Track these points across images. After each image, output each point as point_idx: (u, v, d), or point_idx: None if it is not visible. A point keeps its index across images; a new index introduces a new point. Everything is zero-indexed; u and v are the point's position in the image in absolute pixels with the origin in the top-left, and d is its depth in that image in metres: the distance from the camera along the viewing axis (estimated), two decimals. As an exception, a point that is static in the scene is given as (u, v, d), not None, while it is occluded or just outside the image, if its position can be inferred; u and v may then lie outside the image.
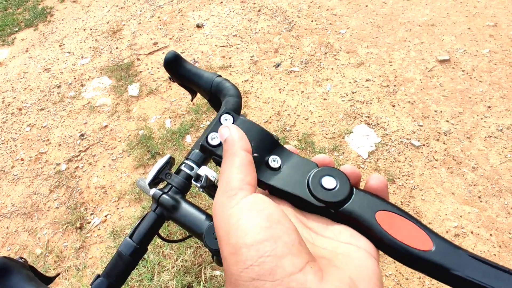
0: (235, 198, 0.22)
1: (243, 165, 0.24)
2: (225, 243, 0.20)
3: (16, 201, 2.14)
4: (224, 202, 0.22)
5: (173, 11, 3.55)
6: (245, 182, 0.23)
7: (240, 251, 0.19)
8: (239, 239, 0.19)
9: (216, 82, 0.64)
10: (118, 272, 0.51)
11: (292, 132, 2.19)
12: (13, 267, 0.44)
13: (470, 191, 1.78)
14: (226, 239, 0.20)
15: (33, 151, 2.43)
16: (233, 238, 0.20)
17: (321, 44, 2.79)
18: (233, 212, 0.21)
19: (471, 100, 2.19)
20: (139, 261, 0.53)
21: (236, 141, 0.26)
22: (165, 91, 2.67)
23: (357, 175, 0.29)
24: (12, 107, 2.83)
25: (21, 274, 0.44)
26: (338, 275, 0.20)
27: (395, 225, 0.24)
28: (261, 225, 0.20)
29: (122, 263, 0.51)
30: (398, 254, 0.24)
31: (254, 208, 0.21)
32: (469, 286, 0.21)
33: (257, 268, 0.18)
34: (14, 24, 3.97)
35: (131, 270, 0.53)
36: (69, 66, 3.14)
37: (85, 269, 1.76)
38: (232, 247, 0.20)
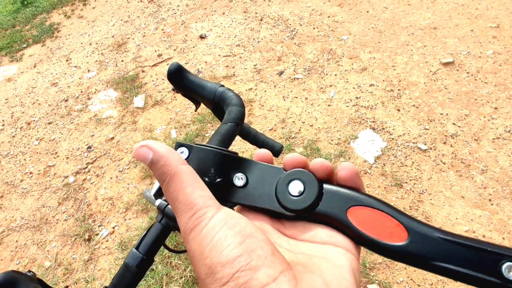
0: (204, 218, 0.21)
1: (194, 181, 0.23)
2: (200, 265, 0.20)
3: (25, 214, 2.16)
4: (193, 225, 0.21)
5: (176, 23, 3.61)
6: (207, 198, 0.22)
7: (215, 270, 0.19)
8: (214, 259, 0.19)
9: (219, 92, 0.64)
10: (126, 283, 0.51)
11: (297, 139, 2.19)
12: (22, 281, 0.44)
13: (480, 194, 1.75)
14: (201, 261, 0.20)
15: (41, 164, 2.46)
16: (208, 259, 0.20)
17: (323, 51, 2.81)
18: (205, 232, 0.21)
19: (477, 102, 2.17)
20: (146, 272, 0.53)
21: (166, 159, 0.23)
22: (170, 101, 2.70)
23: (327, 169, 0.27)
24: (21, 121, 2.88)
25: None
26: (312, 280, 0.20)
27: (367, 219, 0.24)
28: (234, 241, 0.20)
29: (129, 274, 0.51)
30: (375, 249, 0.24)
31: (226, 225, 0.21)
32: (447, 272, 0.22)
33: (232, 284, 0.18)
34: (22, 41, 4.07)
35: (138, 281, 0.53)
36: (76, 80, 3.20)
37: (94, 281, 1.76)
38: (207, 268, 0.20)
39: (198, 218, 0.21)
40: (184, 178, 0.23)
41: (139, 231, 1.91)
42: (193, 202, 0.22)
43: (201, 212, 0.21)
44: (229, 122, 0.59)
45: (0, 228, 2.12)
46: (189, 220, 0.21)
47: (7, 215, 2.18)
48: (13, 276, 0.44)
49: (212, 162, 0.29)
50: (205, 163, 0.29)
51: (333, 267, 0.22)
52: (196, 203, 0.22)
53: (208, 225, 0.21)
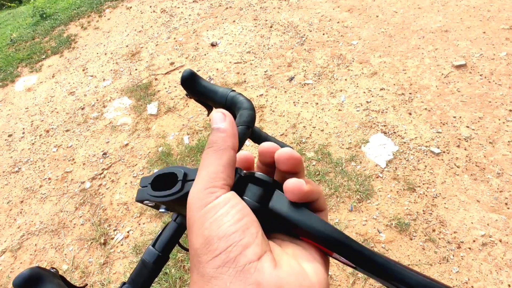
0: (214, 195, 0.23)
1: (229, 165, 0.25)
2: (197, 235, 0.22)
3: (44, 219, 2.23)
4: (203, 197, 0.23)
5: (188, 32, 3.69)
6: (226, 182, 0.24)
7: (211, 241, 0.21)
8: (212, 231, 0.21)
9: (230, 96, 0.67)
10: (143, 279, 0.54)
11: (308, 144, 2.20)
12: (46, 276, 0.47)
13: (496, 198, 1.72)
14: (199, 231, 0.22)
15: (59, 170, 2.54)
16: (207, 231, 0.22)
17: (333, 56, 2.82)
18: (210, 207, 0.23)
19: (491, 104, 2.14)
20: (162, 268, 0.56)
21: (229, 136, 0.26)
22: (182, 108, 2.75)
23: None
24: (40, 129, 2.98)
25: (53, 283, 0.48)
26: (290, 262, 0.22)
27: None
28: (234, 218, 0.22)
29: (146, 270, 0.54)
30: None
31: (229, 203, 0.23)
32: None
33: (224, 256, 0.20)
34: (41, 52, 4.23)
35: (154, 277, 0.55)
36: (92, 88, 3.30)
37: (109, 284, 1.79)
38: (204, 239, 0.21)
39: (209, 193, 0.23)
40: (224, 157, 0.25)
41: (153, 235, 1.94)
42: (215, 179, 0.24)
43: (214, 190, 0.23)
44: (240, 125, 0.62)
45: (20, 232, 2.19)
46: (201, 191, 0.24)
47: (27, 219, 2.26)
48: (38, 271, 0.47)
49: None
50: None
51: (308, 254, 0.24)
52: (216, 182, 0.24)
53: (215, 201, 0.23)
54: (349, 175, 1.96)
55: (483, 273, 1.49)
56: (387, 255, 1.62)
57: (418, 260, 1.58)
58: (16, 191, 2.48)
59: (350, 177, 1.95)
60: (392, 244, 1.65)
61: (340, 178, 1.96)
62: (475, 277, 1.48)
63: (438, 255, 1.58)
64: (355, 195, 1.86)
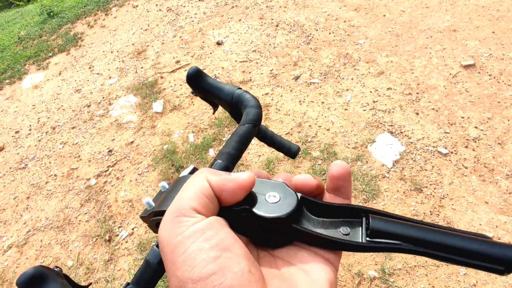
0: (183, 224, 0.19)
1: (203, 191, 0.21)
2: (171, 274, 0.19)
3: (50, 215, 2.24)
4: (170, 227, 0.20)
5: (194, 31, 3.69)
6: (204, 208, 0.21)
7: (186, 285, 0.18)
8: (185, 273, 0.18)
9: (236, 94, 0.66)
10: (147, 279, 0.53)
11: (314, 143, 2.18)
12: (49, 275, 0.47)
13: (505, 199, 1.69)
14: (172, 270, 0.19)
15: (65, 167, 2.55)
16: (179, 271, 0.18)
17: (339, 55, 2.80)
18: (179, 240, 0.19)
19: (500, 104, 2.11)
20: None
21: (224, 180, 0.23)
22: (187, 106, 2.75)
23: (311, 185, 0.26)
24: (46, 126, 3.01)
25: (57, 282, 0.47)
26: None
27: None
28: (209, 256, 0.18)
29: (150, 270, 0.54)
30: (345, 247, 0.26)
31: (203, 236, 0.19)
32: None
33: None
34: (48, 50, 4.27)
35: (158, 278, 0.55)
36: (98, 86, 3.32)
37: (113, 281, 1.80)
38: (178, 281, 0.18)
39: (176, 222, 0.20)
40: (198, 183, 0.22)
41: (158, 232, 1.94)
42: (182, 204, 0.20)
43: (183, 219, 0.20)
44: (247, 123, 0.61)
45: (27, 228, 2.21)
46: (168, 220, 0.20)
47: (33, 215, 2.28)
48: (42, 270, 0.47)
49: None
50: None
51: (310, 281, 0.21)
52: (184, 205, 0.20)
53: (184, 233, 0.19)
54: (355, 175, 1.94)
55: (491, 275, 1.46)
56: (393, 255, 1.60)
57: (425, 261, 1.56)
58: (23, 187, 2.50)
59: (356, 177, 1.93)
60: (398, 244, 1.63)
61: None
62: (483, 279, 1.46)
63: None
64: (361, 195, 1.84)
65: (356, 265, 1.60)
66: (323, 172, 1.99)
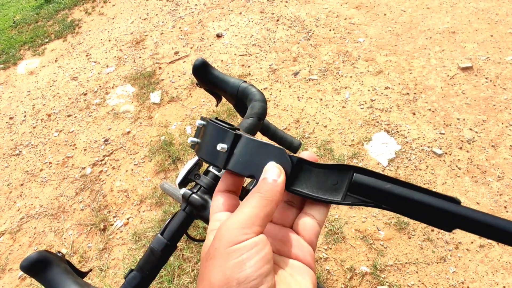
0: (246, 236, 0.24)
1: (269, 216, 0.26)
2: (217, 269, 0.23)
3: (44, 203, 2.23)
4: (236, 233, 0.24)
5: (193, 22, 3.66)
6: (260, 229, 0.25)
7: (231, 283, 0.22)
8: (234, 273, 0.22)
9: (242, 87, 0.66)
10: (150, 266, 0.54)
11: (311, 139, 2.20)
12: (53, 260, 0.47)
13: (496, 201, 1.73)
14: (221, 268, 0.23)
15: (60, 155, 2.54)
16: (229, 271, 0.22)
17: (339, 53, 2.81)
18: (238, 247, 0.23)
19: (495, 108, 2.14)
20: (170, 257, 0.56)
21: (280, 192, 0.27)
22: (185, 98, 2.74)
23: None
24: (41, 113, 2.97)
25: (60, 267, 0.48)
26: None
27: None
28: (257, 264, 0.23)
29: (154, 258, 0.54)
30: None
31: (256, 248, 0.24)
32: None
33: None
34: (44, 36, 4.19)
35: (162, 265, 0.55)
36: (95, 74, 3.28)
37: (108, 269, 1.81)
38: (225, 278, 0.22)
39: (243, 233, 0.24)
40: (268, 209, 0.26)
41: (153, 223, 1.95)
42: (253, 222, 0.25)
43: (248, 231, 0.24)
44: (252, 116, 0.61)
45: (20, 214, 2.19)
46: (237, 227, 0.24)
47: (26, 202, 2.26)
48: (45, 255, 0.47)
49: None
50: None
51: (299, 286, 0.26)
52: (253, 224, 0.25)
53: (244, 242, 0.24)
54: (350, 172, 1.96)
55: (480, 274, 1.50)
56: (385, 252, 1.63)
57: (416, 258, 1.59)
58: (17, 174, 2.48)
59: (351, 174, 1.95)
60: (391, 242, 1.67)
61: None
62: (471, 277, 1.50)
63: (436, 255, 1.59)
64: (356, 192, 1.87)
65: (348, 260, 1.63)
66: (319, 168, 2.01)
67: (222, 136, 0.32)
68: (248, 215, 0.25)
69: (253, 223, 0.25)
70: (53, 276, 0.46)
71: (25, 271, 0.45)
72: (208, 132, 0.34)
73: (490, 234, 0.23)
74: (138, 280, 0.52)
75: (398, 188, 0.27)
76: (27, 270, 0.45)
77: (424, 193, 0.26)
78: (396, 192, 0.27)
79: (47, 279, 0.45)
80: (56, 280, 0.45)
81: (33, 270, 0.46)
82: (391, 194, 0.27)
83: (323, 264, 1.64)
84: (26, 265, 0.45)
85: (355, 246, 1.68)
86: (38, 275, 0.46)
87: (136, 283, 0.52)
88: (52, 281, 0.45)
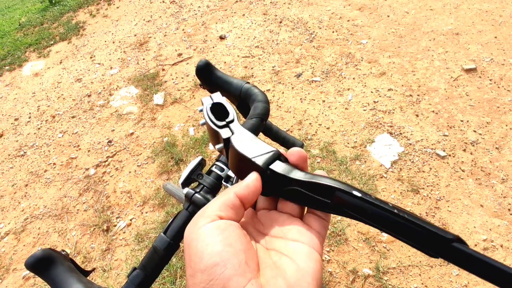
0: (199, 224, 0.24)
1: (238, 207, 0.26)
2: (187, 265, 0.23)
3: (48, 203, 2.25)
4: (190, 226, 0.24)
5: (197, 24, 3.68)
6: (218, 213, 0.25)
7: (195, 274, 0.22)
8: (196, 264, 0.22)
9: (245, 88, 0.66)
10: (153, 265, 0.54)
11: (314, 141, 2.20)
12: (57, 258, 0.48)
13: (500, 203, 1.72)
14: (188, 262, 0.23)
15: (64, 156, 2.55)
16: (192, 263, 0.23)
17: (342, 54, 2.81)
18: (193, 237, 0.23)
19: (499, 109, 2.13)
20: (172, 256, 0.56)
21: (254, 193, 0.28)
22: (188, 100, 2.75)
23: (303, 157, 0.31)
24: (46, 114, 3.00)
25: (64, 265, 0.48)
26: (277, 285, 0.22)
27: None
28: (214, 250, 0.22)
29: (157, 257, 0.55)
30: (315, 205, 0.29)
31: (212, 233, 0.23)
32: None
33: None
34: (49, 38, 4.23)
35: (165, 264, 0.56)
36: (99, 76, 3.31)
37: (110, 270, 1.81)
38: (191, 270, 0.23)
39: (196, 223, 0.24)
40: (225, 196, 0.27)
41: (156, 224, 1.96)
42: (206, 208, 0.25)
43: (201, 219, 0.24)
44: (255, 117, 0.61)
45: (24, 215, 2.21)
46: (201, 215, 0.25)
47: (31, 203, 2.28)
48: (50, 253, 0.48)
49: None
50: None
51: (297, 270, 0.24)
52: (207, 211, 0.25)
53: (198, 230, 0.24)
54: (353, 174, 1.96)
55: (483, 277, 1.49)
56: (388, 254, 1.63)
57: (419, 261, 1.58)
58: (21, 175, 2.50)
59: (354, 175, 1.95)
60: (394, 244, 1.66)
61: (344, 177, 1.96)
62: (474, 280, 1.49)
63: (439, 258, 1.58)
64: (359, 194, 1.86)
65: (351, 262, 1.62)
66: (321, 169, 2.01)
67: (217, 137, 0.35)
68: (207, 205, 0.26)
69: (210, 211, 0.25)
70: (57, 274, 0.46)
71: (30, 268, 0.45)
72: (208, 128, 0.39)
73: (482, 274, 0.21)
74: (141, 278, 0.53)
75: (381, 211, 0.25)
76: (32, 268, 0.46)
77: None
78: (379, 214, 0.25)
79: (51, 277, 0.46)
80: (60, 278, 0.46)
81: (38, 267, 0.46)
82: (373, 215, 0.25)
83: (325, 266, 1.63)
84: (31, 262, 0.46)
85: (358, 248, 1.67)
86: (42, 273, 0.46)
87: (139, 281, 0.52)
88: (56, 279, 0.46)
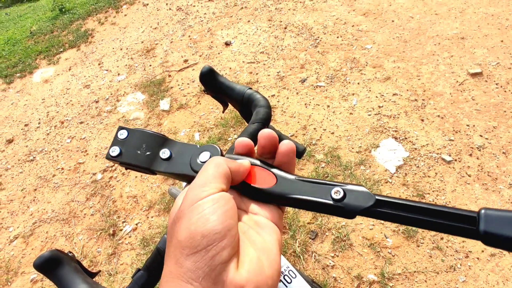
0: (207, 192, 0.25)
1: (226, 173, 0.28)
2: (183, 227, 0.24)
3: (56, 208, 2.28)
4: (197, 192, 0.25)
5: (203, 30, 3.73)
6: (221, 184, 0.27)
7: (195, 237, 0.23)
8: (198, 228, 0.23)
9: (247, 94, 0.68)
10: (157, 266, 0.56)
11: (318, 146, 2.20)
12: (64, 259, 0.50)
13: (507, 208, 1.69)
14: (186, 225, 0.24)
15: (72, 161, 2.60)
16: (193, 226, 0.23)
17: (347, 60, 2.82)
18: (200, 204, 0.24)
19: (506, 114, 2.11)
20: None
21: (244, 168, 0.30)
22: (194, 105, 2.79)
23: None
24: (55, 120, 3.06)
25: (70, 266, 0.50)
26: (249, 259, 0.25)
27: (256, 175, 0.32)
28: (220, 219, 0.24)
29: (161, 258, 0.56)
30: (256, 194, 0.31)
31: (218, 203, 0.25)
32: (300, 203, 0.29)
33: (203, 253, 0.22)
34: (59, 45, 4.33)
35: None
36: (107, 82, 3.37)
37: (116, 274, 1.83)
38: (189, 233, 0.23)
39: (203, 191, 0.26)
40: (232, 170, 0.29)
41: (161, 229, 1.97)
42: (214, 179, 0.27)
43: (207, 188, 0.26)
44: (257, 122, 0.63)
45: (33, 219, 2.25)
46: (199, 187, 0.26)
47: (39, 207, 2.32)
48: (57, 254, 0.50)
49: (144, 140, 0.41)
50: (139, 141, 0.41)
51: (264, 242, 0.27)
52: (214, 181, 0.27)
53: (206, 198, 0.25)
54: (357, 179, 1.95)
55: (490, 283, 1.47)
56: (393, 260, 1.61)
57: (425, 267, 1.57)
58: (30, 179, 2.55)
59: (358, 180, 1.94)
60: (399, 250, 1.65)
61: (349, 182, 1.96)
62: (481, 287, 1.47)
63: (445, 264, 1.56)
64: (363, 199, 1.85)
65: (355, 268, 1.61)
66: (326, 175, 2.01)
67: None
68: (207, 175, 0.27)
69: (213, 181, 0.26)
70: (64, 274, 0.48)
71: (37, 269, 0.47)
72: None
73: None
74: (145, 279, 0.54)
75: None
76: (40, 268, 0.47)
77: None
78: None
79: (58, 277, 0.47)
80: (67, 278, 0.47)
81: (45, 268, 0.48)
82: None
83: (330, 271, 1.63)
84: (39, 262, 0.47)
85: (363, 253, 1.66)
86: (49, 273, 0.48)
87: (143, 281, 0.54)
88: (63, 279, 0.47)
